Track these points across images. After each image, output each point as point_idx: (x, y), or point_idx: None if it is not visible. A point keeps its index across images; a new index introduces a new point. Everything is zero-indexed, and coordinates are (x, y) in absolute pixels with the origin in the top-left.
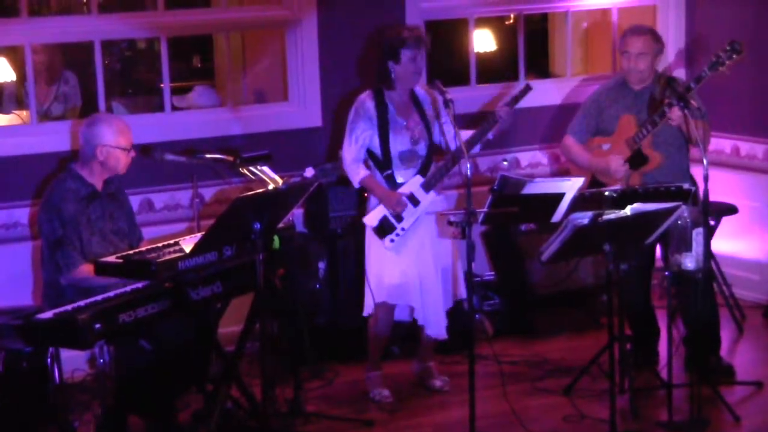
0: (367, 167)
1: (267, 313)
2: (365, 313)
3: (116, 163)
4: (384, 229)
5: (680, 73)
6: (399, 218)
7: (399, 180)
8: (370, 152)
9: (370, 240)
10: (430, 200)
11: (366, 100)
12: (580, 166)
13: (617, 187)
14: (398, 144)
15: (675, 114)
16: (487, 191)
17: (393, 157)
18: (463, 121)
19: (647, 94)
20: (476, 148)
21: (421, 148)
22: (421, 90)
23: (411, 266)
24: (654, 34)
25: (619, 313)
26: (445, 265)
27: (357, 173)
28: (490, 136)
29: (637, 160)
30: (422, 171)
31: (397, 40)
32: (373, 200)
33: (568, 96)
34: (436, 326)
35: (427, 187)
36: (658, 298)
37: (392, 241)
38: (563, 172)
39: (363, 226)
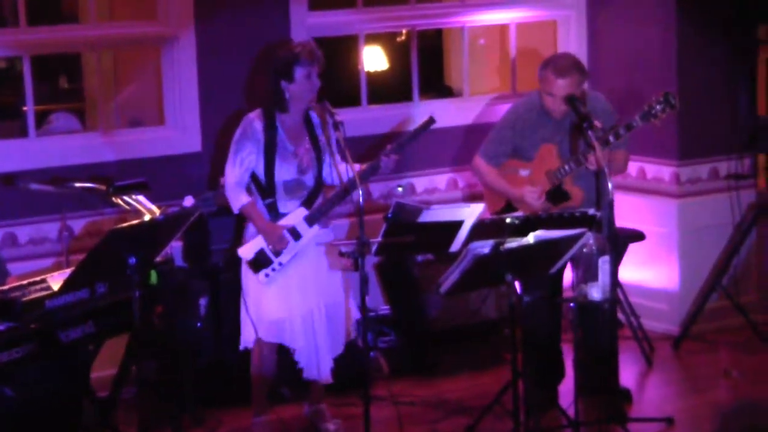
0: (250, 193)
1: (144, 355)
2: (242, 347)
3: None
4: (259, 262)
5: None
6: (277, 253)
7: (282, 210)
8: (253, 177)
9: (247, 272)
10: (312, 234)
11: (254, 120)
12: (495, 192)
13: (519, 213)
14: (284, 172)
15: (591, 162)
16: (381, 219)
17: (277, 185)
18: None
19: (568, 121)
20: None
21: (309, 179)
22: (315, 113)
23: (292, 303)
24: (579, 69)
25: (522, 348)
26: (334, 301)
27: (238, 199)
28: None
29: (557, 195)
30: (307, 202)
31: (290, 56)
32: (251, 229)
33: (465, 117)
34: (318, 369)
35: (310, 221)
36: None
37: (267, 275)
38: (465, 198)
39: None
